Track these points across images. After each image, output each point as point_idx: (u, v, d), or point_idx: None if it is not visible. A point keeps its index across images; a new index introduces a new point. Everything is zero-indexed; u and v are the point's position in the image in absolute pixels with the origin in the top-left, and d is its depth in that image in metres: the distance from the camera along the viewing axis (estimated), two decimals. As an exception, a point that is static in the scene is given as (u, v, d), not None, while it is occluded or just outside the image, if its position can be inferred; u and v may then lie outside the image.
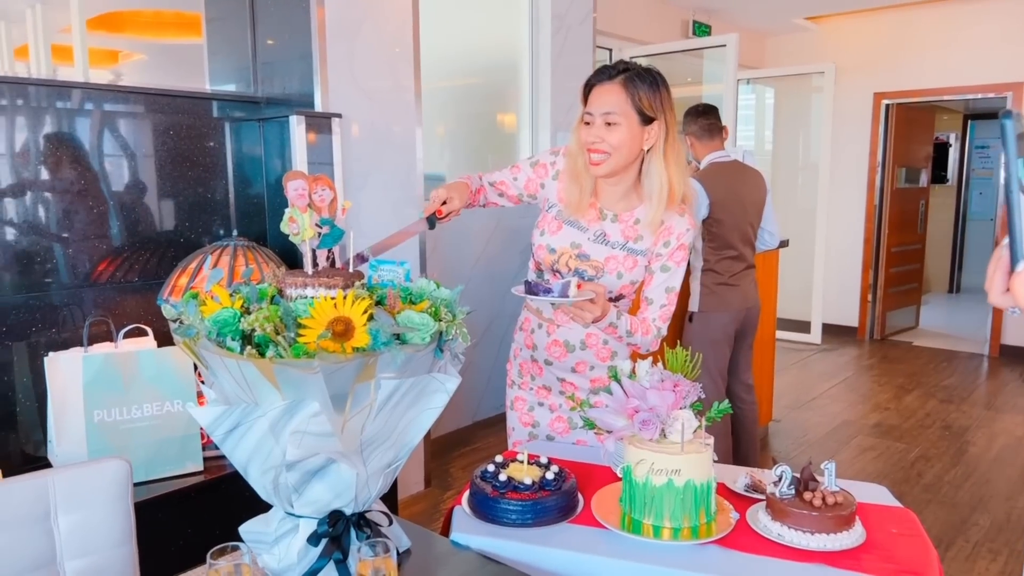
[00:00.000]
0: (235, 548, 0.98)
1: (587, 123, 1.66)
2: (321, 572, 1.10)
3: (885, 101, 6.64)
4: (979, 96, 6.36)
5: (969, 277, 9.46)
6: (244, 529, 1.17)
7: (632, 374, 1.39)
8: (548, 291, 1.53)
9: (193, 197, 2.53)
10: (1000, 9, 5.98)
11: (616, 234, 1.71)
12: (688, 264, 3.32)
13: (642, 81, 1.62)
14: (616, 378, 1.39)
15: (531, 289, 1.56)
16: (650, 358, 1.43)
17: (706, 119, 3.27)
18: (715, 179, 3.18)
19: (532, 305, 1.81)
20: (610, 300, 1.67)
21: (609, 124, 1.62)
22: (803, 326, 6.65)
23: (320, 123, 2.66)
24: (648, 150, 1.66)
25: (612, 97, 1.62)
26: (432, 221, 1.66)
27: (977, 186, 9.40)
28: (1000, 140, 0.71)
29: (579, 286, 1.54)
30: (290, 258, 2.43)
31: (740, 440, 3.42)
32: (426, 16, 3.23)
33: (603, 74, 1.65)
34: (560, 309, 1.70)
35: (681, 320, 3.34)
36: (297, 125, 2.57)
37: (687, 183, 1.69)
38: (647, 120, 1.63)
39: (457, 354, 1.16)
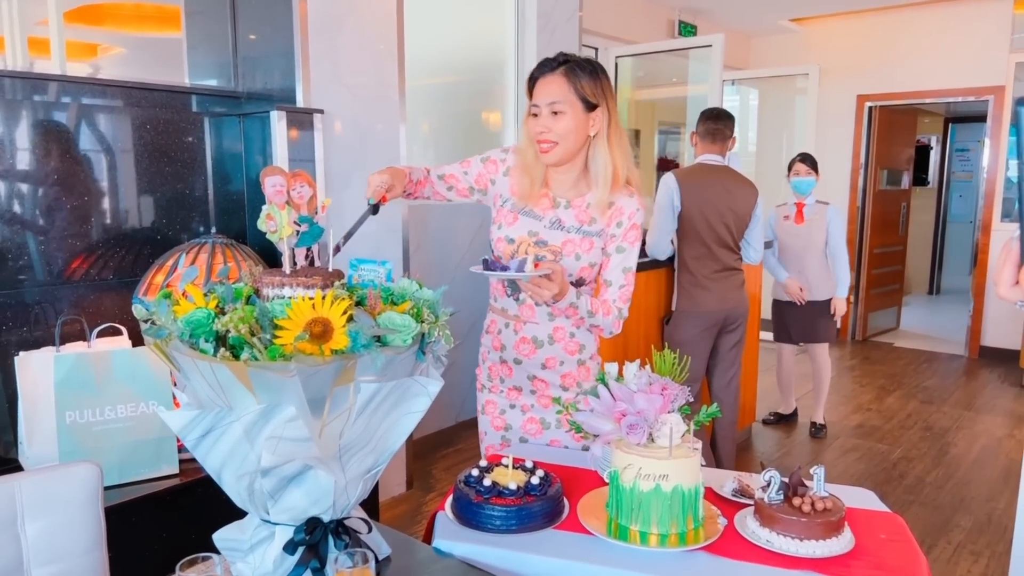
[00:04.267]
0: (206, 558, 0.94)
1: (534, 115, 1.71)
2: (298, 581, 1.06)
3: (868, 103, 6.67)
4: (960, 99, 6.41)
5: (949, 279, 9.55)
6: (218, 536, 1.14)
7: (619, 377, 1.37)
8: (505, 268, 1.56)
9: (171, 193, 2.48)
10: (981, 14, 6.03)
11: (571, 219, 1.74)
12: (673, 260, 3.33)
13: (582, 70, 1.68)
14: (603, 381, 1.37)
15: (489, 266, 1.58)
16: (638, 360, 1.40)
17: (714, 123, 3.29)
18: (692, 175, 3.22)
19: (496, 305, 1.83)
20: (571, 284, 1.69)
21: (555, 113, 1.67)
22: (786, 327, 6.66)
23: (302, 119, 2.62)
24: (594, 136, 1.71)
25: (555, 87, 1.67)
26: (377, 208, 1.65)
27: (957, 189, 9.50)
28: (1014, 130, 0.69)
29: (536, 265, 1.56)
30: (270, 257, 2.38)
31: (715, 441, 3.43)
32: (411, 13, 3.20)
33: (545, 67, 1.71)
34: (526, 298, 1.73)
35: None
36: (278, 121, 2.52)
37: (631, 166, 1.74)
38: (591, 107, 1.68)
39: (440, 356, 1.13)
